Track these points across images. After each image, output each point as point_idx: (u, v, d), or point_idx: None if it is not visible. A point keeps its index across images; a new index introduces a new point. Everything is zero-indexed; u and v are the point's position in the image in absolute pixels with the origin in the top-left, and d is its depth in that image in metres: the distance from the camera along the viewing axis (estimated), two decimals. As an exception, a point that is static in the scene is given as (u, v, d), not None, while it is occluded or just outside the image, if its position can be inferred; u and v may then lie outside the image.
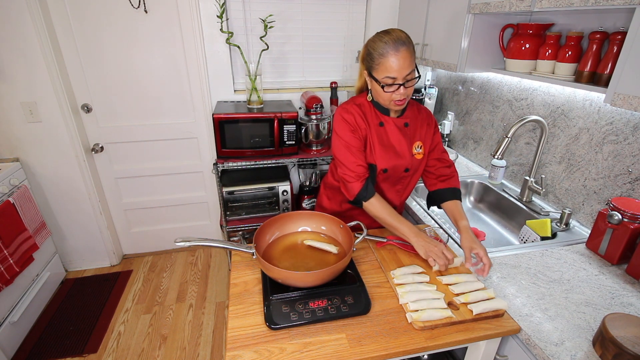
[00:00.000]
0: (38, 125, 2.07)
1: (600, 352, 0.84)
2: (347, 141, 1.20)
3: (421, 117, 1.29)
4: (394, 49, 1.04)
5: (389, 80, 1.08)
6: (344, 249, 1.14)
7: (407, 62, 1.06)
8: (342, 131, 1.21)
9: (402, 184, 1.33)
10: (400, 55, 1.05)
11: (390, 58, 1.05)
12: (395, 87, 1.09)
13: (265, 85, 2.39)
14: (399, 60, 1.05)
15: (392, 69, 1.06)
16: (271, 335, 0.90)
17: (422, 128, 1.28)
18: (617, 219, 1.14)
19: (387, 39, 1.06)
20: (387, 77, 1.08)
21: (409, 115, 1.27)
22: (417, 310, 0.94)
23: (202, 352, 1.93)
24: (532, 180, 1.57)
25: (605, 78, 1.17)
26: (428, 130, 1.29)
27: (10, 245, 1.84)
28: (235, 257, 1.19)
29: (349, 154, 1.20)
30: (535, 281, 1.11)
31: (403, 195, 1.38)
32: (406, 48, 1.06)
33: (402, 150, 1.25)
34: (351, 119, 1.21)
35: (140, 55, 2.15)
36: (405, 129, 1.26)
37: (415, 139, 1.27)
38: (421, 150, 1.29)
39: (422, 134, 1.28)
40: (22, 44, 1.88)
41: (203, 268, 2.58)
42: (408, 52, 1.06)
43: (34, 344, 1.94)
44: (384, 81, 1.09)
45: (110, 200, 2.50)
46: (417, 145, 1.28)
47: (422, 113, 1.30)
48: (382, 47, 1.06)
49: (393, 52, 1.05)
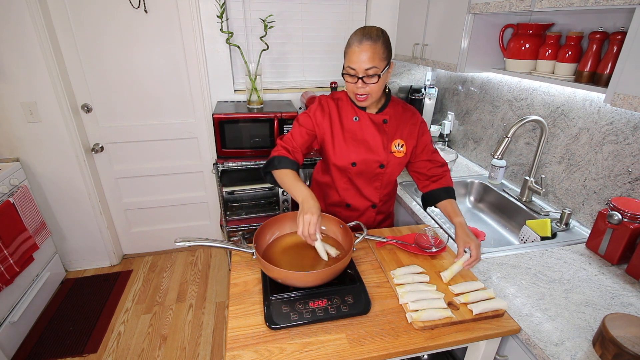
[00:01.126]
0: (38, 125, 2.07)
1: (600, 352, 0.84)
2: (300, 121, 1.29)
3: (405, 116, 1.30)
4: (358, 42, 1.09)
5: (350, 70, 1.13)
6: (344, 249, 1.14)
7: (367, 56, 1.09)
8: (304, 117, 1.29)
9: (380, 180, 1.34)
10: (362, 48, 1.08)
11: (354, 49, 1.09)
12: (354, 79, 1.13)
13: (265, 85, 2.39)
14: (360, 52, 1.09)
15: (352, 60, 1.10)
16: (271, 335, 0.90)
17: (405, 127, 1.30)
18: (617, 219, 1.14)
19: (359, 31, 1.11)
20: (349, 67, 1.12)
21: (389, 112, 1.28)
22: (417, 310, 0.94)
23: (202, 352, 1.93)
24: (532, 180, 1.57)
25: (605, 78, 1.17)
26: (412, 130, 1.30)
27: (10, 245, 1.84)
28: (235, 257, 1.19)
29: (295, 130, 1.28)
30: (535, 281, 1.11)
31: (383, 192, 1.37)
32: (371, 43, 1.08)
33: (375, 146, 1.27)
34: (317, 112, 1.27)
35: (140, 55, 2.15)
36: (383, 126, 1.28)
37: (395, 136, 1.29)
38: (402, 149, 1.30)
39: (404, 132, 1.30)
40: (22, 44, 1.88)
41: (203, 268, 2.58)
42: (371, 48, 1.08)
43: (34, 344, 1.94)
44: (346, 70, 1.14)
45: (110, 200, 2.50)
46: (397, 143, 1.29)
47: (407, 112, 1.31)
48: (352, 37, 1.11)
49: (357, 44, 1.09)
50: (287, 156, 1.23)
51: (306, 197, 1.09)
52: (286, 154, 1.23)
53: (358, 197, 1.37)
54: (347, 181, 1.34)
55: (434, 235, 1.23)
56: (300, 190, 1.12)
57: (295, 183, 1.16)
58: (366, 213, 1.40)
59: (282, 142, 1.27)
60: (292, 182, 1.16)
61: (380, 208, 1.41)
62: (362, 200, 1.37)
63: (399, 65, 2.50)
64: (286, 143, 1.26)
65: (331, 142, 1.29)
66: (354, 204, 1.38)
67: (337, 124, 1.28)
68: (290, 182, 1.17)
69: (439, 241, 1.21)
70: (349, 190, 1.36)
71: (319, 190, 1.47)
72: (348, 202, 1.38)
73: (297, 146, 1.26)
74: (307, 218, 1.04)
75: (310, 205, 1.07)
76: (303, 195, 1.10)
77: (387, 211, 1.47)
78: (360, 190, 1.35)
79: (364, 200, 1.37)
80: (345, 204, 1.39)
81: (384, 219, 1.47)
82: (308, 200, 1.08)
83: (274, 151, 1.26)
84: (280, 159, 1.22)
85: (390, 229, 1.35)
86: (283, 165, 1.21)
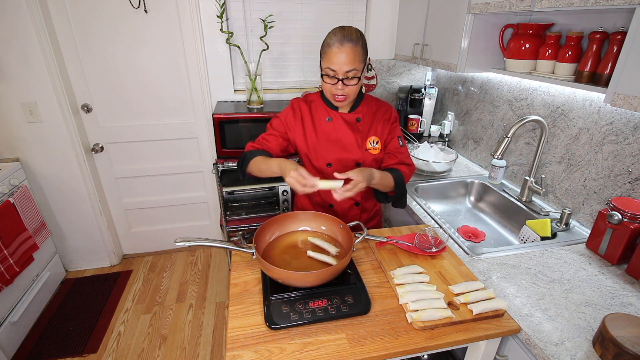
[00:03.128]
0: (38, 125, 2.07)
1: (600, 352, 0.84)
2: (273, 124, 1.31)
3: (380, 112, 1.30)
4: (339, 43, 1.09)
5: (329, 71, 1.13)
6: (345, 250, 1.14)
7: (349, 58, 1.09)
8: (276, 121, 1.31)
9: None
10: (344, 50, 1.08)
11: (334, 50, 1.09)
12: (334, 80, 1.13)
13: (265, 85, 2.39)
14: (341, 54, 1.09)
15: (333, 62, 1.10)
16: (271, 335, 0.90)
17: (379, 123, 1.30)
18: (617, 219, 1.14)
19: (338, 32, 1.11)
20: (329, 68, 1.12)
21: (362, 110, 1.29)
22: (417, 310, 0.94)
23: (202, 352, 1.93)
24: (532, 180, 1.57)
25: (605, 78, 1.17)
26: (385, 126, 1.30)
27: (10, 245, 1.84)
28: (235, 257, 1.19)
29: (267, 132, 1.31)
30: (535, 281, 1.11)
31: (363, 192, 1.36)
32: (352, 45, 1.09)
33: (349, 145, 1.27)
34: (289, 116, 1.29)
35: (140, 55, 2.15)
36: (356, 124, 1.28)
37: (369, 134, 1.29)
38: (377, 146, 1.30)
39: (378, 129, 1.30)
40: (22, 44, 1.88)
41: (203, 268, 2.58)
42: (352, 50, 1.09)
43: (34, 344, 1.94)
44: (325, 71, 1.14)
45: (110, 201, 2.50)
46: (372, 140, 1.29)
47: (382, 109, 1.31)
48: (331, 38, 1.11)
49: (337, 45, 1.09)
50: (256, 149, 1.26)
51: (281, 162, 1.13)
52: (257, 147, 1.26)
53: None
54: None
55: (434, 235, 1.23)
56: (272, 162, 1.15)
57: (267, 160, 1.18)
58: (350, 212, 1.40)
59: (252, 142, 1.29)
60: (265, 162, 1.18)
61: (364, 205, 1.41)
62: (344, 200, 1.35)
63: (399, 65, 2.50)
64: (257, 144, 1.28)
65: (305, 145, 1.29)
66: (336, 204, 1.38)
67: (310, 126, 1.28)
68: (264, 164, 1.19)
69: (439, 241, 1.21)
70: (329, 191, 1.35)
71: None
72: (331, 203, 1.38)
73: (271, 148, 1.28)
74: (292, 176, 1.06)
75: (287, 165, 1.10)
76: (276, 162, 1.14)
77: (373, 209, 1.46)
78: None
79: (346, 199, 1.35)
80: (328, 205, 1.39)
81: (370, 218, 1.46)
82: (283, 164, 1.11)
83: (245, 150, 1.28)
84: (251, 152, 1.26)
85: (390, 229, 1.35)
86: (255, 154, 1.24)
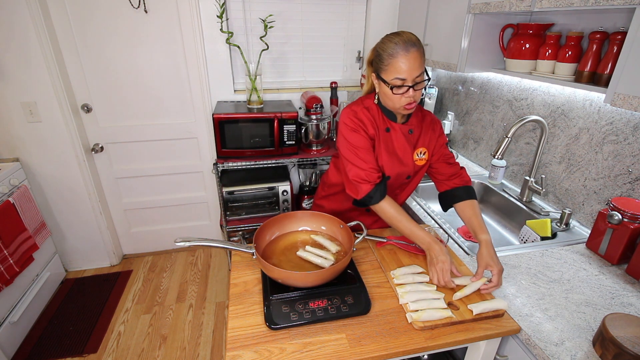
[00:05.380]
0: (38, 125, 2.07)
1: (600, 352, 0.84)
2: (354, 143, 1.18)
3: (426, 122, 1.27)
4: (404, 50, 1.03)
5: (398, 81, 1.06)
6: (345, 248, 1.14)
7: (417, 63, 1.04)
8: (349, 133, 1.18)
9: (401, 189, 1.34)
10: (411, 56, 1.03)
11: (400, 59, 1.03)
12: (405, 89, 1.06)
13: (265, 85, 2.39)
14: (409, 60, 1.03)
15: (402, 70, 1.04)
16: (271, 335, 0.90)
17: (426, 134, 1.27)
18: (617, 219, 1.14)
19: (398, 39, 1.04)
20: (397, 78, 1.06)
21: (413, 122, 1.24)
22: (417, 310, 0.94)
23: (202, 352, 1.93)
24: (532, 180, 1.57)
25: (605, 78, 1.17)
26: (432, 136, 1.27)
27: (10, 245, 1.84)
28: (235, 257, 1.19)
29: (356, 157, 1.17)
30: (535, 281, 1.11)
31: (399, 199, 1.37)
32: (416, 49, 1.04)
33: (405, 158, 1.24)
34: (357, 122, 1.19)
35: (140, 55, 2.15)
36: (409, 136, 1.24)
37: (418, 145, 1.26)
38: (424, 157, 1.27)
39: (426, 140, 1.27)
40: (22, 44, 1.88)
41: (203, 268, 2.58)
42: (418, 54, 1.05)
43: (34, 344, 1.94)
44: (393, 82, 1.07)
45: (110, 200, 2.50)
46: (419, 152, 1.26)
47: (427, 118, 1.28)
48: (392, 47, 1.04)
49: (403, 52, 1.03)
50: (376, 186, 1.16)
51: (431, 243, 1.09)
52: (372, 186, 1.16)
53: None
54: None
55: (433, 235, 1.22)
56: (422, 235, 1.12)
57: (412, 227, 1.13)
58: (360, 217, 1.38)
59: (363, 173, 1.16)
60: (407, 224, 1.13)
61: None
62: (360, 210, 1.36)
63: (399, 65, 2.50)
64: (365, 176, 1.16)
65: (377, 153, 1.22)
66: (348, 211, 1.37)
67: (378, 135, 1.21)
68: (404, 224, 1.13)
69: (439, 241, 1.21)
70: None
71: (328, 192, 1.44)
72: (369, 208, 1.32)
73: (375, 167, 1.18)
74: (440, 267, 1.04)
75: (438, 251, 1.07)
76: (427, 241, 1.10)
77: None
78: None
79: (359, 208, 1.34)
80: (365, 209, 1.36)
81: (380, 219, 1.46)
82: (433, 247, 1.08)
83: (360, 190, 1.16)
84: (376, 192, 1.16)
85: (391, 229, 1.35)
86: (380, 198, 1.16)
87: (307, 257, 1.10)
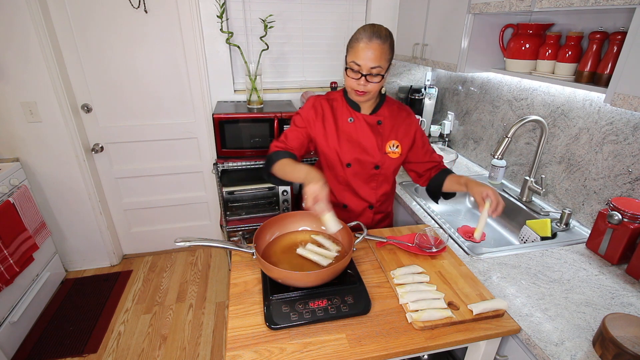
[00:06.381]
0: (38, 125, 2.07)
1: (600, 352, 0.84)
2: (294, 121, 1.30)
3: (400, 116, 1.30)
4: (368, 38, 1.08)
5: (354, 65, 1.12)
6: (345, 249, 1.14)
7: (375, 54, 1.08)
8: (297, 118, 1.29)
9: (376, 181, 1.34)
10: (372, 45, 1.08)
11: (362, 45, 1.09)
12: (358, 75, 1.12)
13: (265, 85, 2.39)
14: (368, 49, 1.08)
15: (360, 56, 1.09)
16: (271, 335, 0.90)
17: (400, 127, 1.29)
18: (617, 219, 1.14)
19: (368, 28, 1.10)
20: (354, 62, 1.11)
21: (384, 113, 1.28)
22: (417, 310, 0.94)
23: (202, 352, 1.93)
24: (532, 180, 1.57)
25: (605, 78, 1.17)
26: (408, 131, 1.30)
27: (10, 245, 1.84)
28: (235, 257, 1.19)
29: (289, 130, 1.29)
30: (535, 281, 1.11)
31: (379, 192, 1.37)
32: (380, 42, 1.09)
33: (369, 147, 1.27)
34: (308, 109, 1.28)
35: (140, 55, 2.15)
36: (377, 127, 1.27)
37: (390, 137, 1.29)
38: (397, 150, 1.30)
39: (399, 133, 1.29)
40: (22, 44, 1.88)
41: (203, 268, 2.58)
42: (380, 47, 1.08)
43: (34, 344, 1.94)
44: (350, 65, 1.13)
45: (110, 200, 2.50)
46: (391, 144, 1.29)
47: (402, 112, 1.31)
48: (361, 33, 1.11)
49: (366, 40, 1.08)
50: (283, 149, 1.23)
51: (307, 171, 1.07)
52: (283, 147, 1.24)
53: (354, 198, 1.36)
54: (343, 182, 1.34)
55: (434, 235, 1.23)
56: (299, 168, 1.11)
57: (295, 165, 1.14)
58: (364, 214, 1.40)
59: (277, 142, 1.27)
60: (292, 166, 1.15)
61: (378, 208, 1.41)
62: (359, 201, 1.37)
63: (399, 65, 2.50)
64: (281, 143, 1.26)
65: (325, 144, 1.28)
66: (350, 205, 1.38)
67: (332, 125, 1.27)
68: (290, 168, 1.15)
69: (439, 241, 1.21)
70: (345, 191, 1.35)
71: None
72: (345, 203, 1.38)
73: (293, 147, 1.26)
74: (312, 188, 1.00)
75: (313, 175, 1.04)
76: (304, 171, 1.09)
77: (386, 211, 1.47)
78: (356, 191, 1.35)
79: (361, 201, 1.37)
80: (342, 205, 1.38)
81: (382, 219, 1.47)
82: (310, 172, 1.06)
83: (269, 151, 1.26)
84: (277, 153, 1.22)
85: (391, 229, 1.35)
86: (281, 156, 1.21)
87: (306, 254, 1.10)
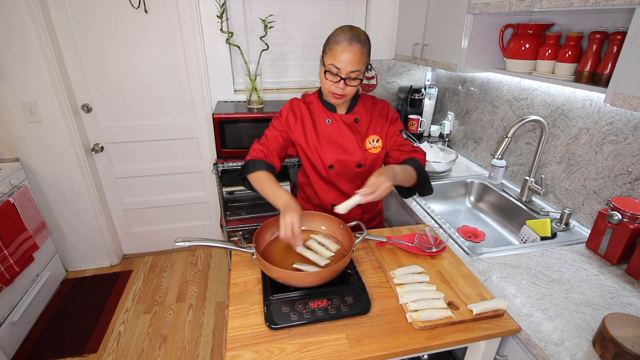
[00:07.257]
0: (38, 125, 2.07)
1: (600, 352, 0.84)
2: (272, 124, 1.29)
3: (376, 110, 1.29)
4: (348, 42, 1.08)
5: (333, 68, 1.11)
6: (345, 248, 1.14)
7: (355, 59, 1.08)
8: (277, 121, 1.29)
9: (361, 179, 1.33)
10: (352, 49, 1.08)
11: (342, 48, 1.08)
12: (337, 78, 1.12)
13: (265, 85, 2.39)
14: (348, 53, 1.08)
15: (339, 59, 1.09)
16: (271, 335, 0.90)
17: (377, 122, 1.29)
18: (617, 219, 1.14)
19: (348, 31, 1.10)
20: (333, 65, 1.11)
21: (359, 110, 1.28)
22: (417, 310, 0.94)
23: (202, 352, 1.93)
24: (532, 180, 1.57)
25: (605, 78, 1.17)
26: (384, 123, 1.29)
27: (10, 245, 1.84)
28: (235, 257, 1.19)
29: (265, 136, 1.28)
30: (535, 281, 1.11)
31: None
32: (360, 46, 1.09)
33: (350, 147, 1.26)
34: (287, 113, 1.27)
35: (140, 55, 2.15)
36: (355, 125, 1.27)
37: (369, 133, 1.28)
38: (378, 144, 1.29)
39: (377, 127, 1.29)
40: (22, 44, 1.88)
41: (203, 268, 2.58)
42: (360, 51, 1.09)
43: (34, 344, 1.95)
44: (329, 68, 1.12)
45: (110, 200, 2.50)
46: (371, 139, 1.28)
47: (378, 106, 1.30)
48: (340, 35, 1.09)
49: (346, 43, 1.08)
50: (262, 159, 1.21)
51: (287, 200, 1.06)
52: (262, 157, 1.22)
53: (341, 198, 1.33)
54: (328, 183, 1.33)
55: (434, 235, 1.23)
56: (280, 194, 1.09)
57: (274, 187, 1.12)
58: (352, 212, 1.39)
59: (258, 145, 1.25)
60: (270, 187, 1.12)
61: (366, 206, 1.40)
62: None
63: (399, 65, 2.50)
64: (262, 146, 1.24)
65: (306, 146, 1.28)
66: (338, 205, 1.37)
67: (311, 128, 1.27)
68: (268, 187, 1.13)
69: (439, 241, 1.21)
70: (331, 192, 1.35)
71: (303, 194, 1.46)
72: (332, 203, 1.36)
73: (273, 150, 1.25)
74: (288, 219, 1.00)
75: (291, 205, 1.03)
76: (284, 199, 1.07)
77: (375, 209, 1.46)
78: (342, 191, 1.34)
79: None
80: (330, 205, 1.38)
81: (372, 218, 1.46)
82: (289, 202, 1.05)
83: (249, 155, 1.24)
84: (255, 162, 1.20)
85: (391, 229, 1.35)
86: (258, 167, 1.19)
87: (305, 253, 1.10)
